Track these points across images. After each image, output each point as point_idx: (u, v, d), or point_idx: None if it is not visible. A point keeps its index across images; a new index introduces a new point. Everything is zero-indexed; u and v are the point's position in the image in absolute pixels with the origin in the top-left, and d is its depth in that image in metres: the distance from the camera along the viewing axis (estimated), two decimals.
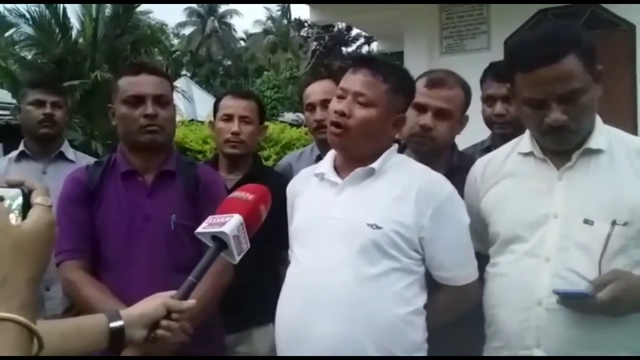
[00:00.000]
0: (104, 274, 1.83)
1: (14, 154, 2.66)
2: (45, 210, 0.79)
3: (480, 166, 1.75)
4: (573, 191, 1.49)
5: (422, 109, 1.91)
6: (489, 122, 2.34)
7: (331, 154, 1.76)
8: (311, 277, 1.60)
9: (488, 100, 2.31)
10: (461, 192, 1.80)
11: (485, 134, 2.48)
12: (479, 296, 1.67)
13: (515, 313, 1.51)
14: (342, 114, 1.61)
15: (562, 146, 1.52)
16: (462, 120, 1.99)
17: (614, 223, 1.41)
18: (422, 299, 1.61)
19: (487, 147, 2.41)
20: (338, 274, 1.55)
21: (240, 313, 2.09)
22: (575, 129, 1.46)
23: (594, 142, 1.50)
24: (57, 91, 2.70)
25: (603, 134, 1.52)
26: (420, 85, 1.93)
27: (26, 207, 0.79)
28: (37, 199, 0.80)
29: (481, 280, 1.66)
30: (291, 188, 1.84)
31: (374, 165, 1.64)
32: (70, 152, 2.68)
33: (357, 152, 1.65)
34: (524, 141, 1.64)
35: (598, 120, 1.55)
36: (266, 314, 2.06)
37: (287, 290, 1.68)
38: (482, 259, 1.69)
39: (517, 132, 2.20)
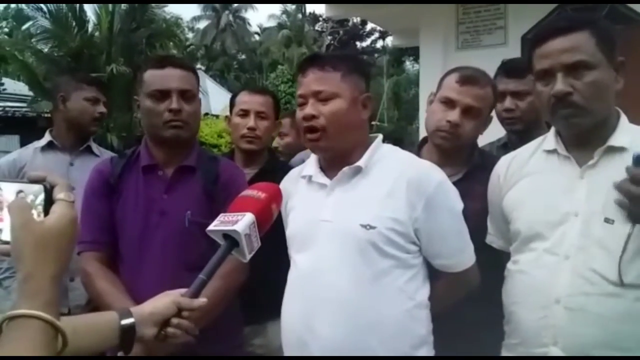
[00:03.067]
0: (121, 267, 1.84)
1: (40, 144, 2.68)
2: (68, 206, 0.79)
3: (504, 164, 1.73)
4: (595, 189, 1.47)
5: (451, 104, 1.87)
6: (500, 118, 2.33)
7: (315, 155, 1.73)
8: (310, 283, 1.59)
9: (499, 96, 2.30)
10: (483, 190, 1.80)
11: (502, 131, 2.46)
12: (477, 280, 1.68)
13: (533, 311, 1.50)
14: (311, 117, 1.59)
15: (573, 128, 1.50)
16: (486, 121, 1.97)
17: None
18: (424, 292, 1.60)
19: (503, 144, 2.40)
20: (337, 278, 1.54)
21: (255, 306, 2.10)
22: (580, 104, 1.44)
23: (616, 140, 1.48)
24: (105, 91, 2.79)
25: (627, 132, 1.50)
26: (451, 80, 1.91)
27: (48, 202, 0.80)
28: (59, 194, 0.80)
29: (503, 277, 1.66)
30: (282, 190, 1.81)
31: (360, 163, 1.61)
32: (95, 147, 2.73)
33: (340, 148, 1.62)
34: (549, 138, 1.62)
35: (623, 118, 1.53)
36: (281, 307, 2.08)
37: (288, 296, 1.68)
38: (505, 257, 1.68)
39: (529, 128, 2.20)
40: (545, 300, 1.47)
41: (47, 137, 2.68)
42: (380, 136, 1.71)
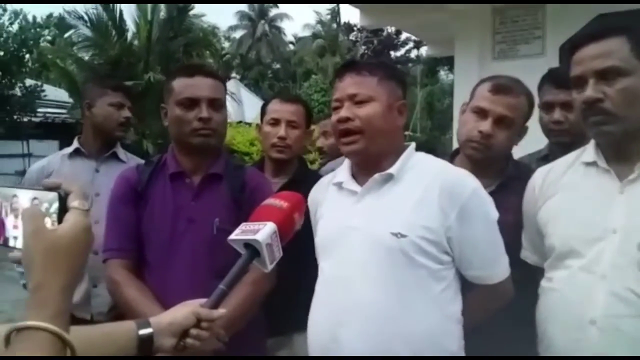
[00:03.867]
0: (147, 276, 1.84)
1: (68, 150, 2.71)
2: (82, 215, 0.78)
3: (540, 175, 1.68)
4: (635, 206, 1.40)
5: (483, 114, 1.83)
6: (546, 129, 2.24)
7: (347, 163, 1.71)
8: (337, 291, 1.56)
9: (546, 107, 2.21)
10: (517, 202, 1.75)
11: (542, 142, 2.39)
12: (512, 293, 1.62)
13: (566, 331, 1.45)
14: (346, 120, 1.58)
15: (604, 137, 1.45)
16: (521, 131, 1.91)
17: None
18: (456, 305, 1.56)
19: (544, 156, 2.31)
20: (364, 287, 1.51)
21: (281, 317, 2.08)
22: (611, 111, 1.39)
23: None
24: (131, 96, 2.81)
25: None
26: (483, 89, 1.87)
27: (62, 210, 0.79)
28: (73, 202, 0.78)
29: (536, 294, 1.60)
30: (312, 198, 1.79)
31: (392, 170, 1.58)
32: (121, 153, 2.74)
33: (373, 152, 1.60)
34: (588, 150, 1.56)
35: None
36: (307, 318, 2.04)
37: (315, 304, 1.65)
38: (539, 273, 1.63)
39: (575, 141, 2.12)
40: (579, 321, 1.41)
41: (74, 144, 2.71)
42: (414, 144, 1.68)
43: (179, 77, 1.89)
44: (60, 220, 0.78)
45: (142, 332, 1.16)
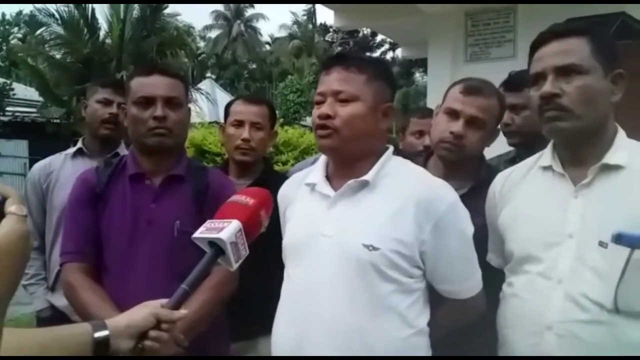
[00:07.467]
0: (106, 280, 1.79)
1: (72, 150, 2.68)
2: (19, 221, 0.73)
3: (499, 180, 1.68)
4: (589, 210, 1.40)
5: (454, 115, 1.83)
6: (502, 131, 2.28)
7: (322, 162, 1.64)
8: (304, 301, 1.50)
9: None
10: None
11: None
12: (484, 308, 1.60)
13: (525, 337, 1.44)
14: (326, 117, 1.50)
15: (558, 133, 1.45)
16: (493, 133, 1.91)
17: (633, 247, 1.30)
18: (424, 318, 1.52)
19: (512, 158, 2.34)
20: (332, 299, 1.45)
21: (246, 321, 2.04)
22: (567, 107, 1.39)
23: (612, 158, 1.41)
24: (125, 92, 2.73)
25: (624, 149, 1.42)
26: (455, 91, 1.87)
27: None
28: (10, 207, 0.74)
29: (499, 299, 1.59)
30: (282, 195, 1.73)
31: (367, 177, 1.51)
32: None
33: (350, 152, 1.53)
34: (545, 154, 1.56)
35: (620, 134, 1.47)
36: (273, 321, 2.00)
37: (280, 313, 1.60)
38: (503, 276, 1.62)
39: (533, 143, 2.13)
40: (536, 326, 1.41)
41: (78, 145, 2.69)
42: (391, 148, 1.63)
43: (137, 77, 1.86)
44: None
45: (98, 334, 1.11)
